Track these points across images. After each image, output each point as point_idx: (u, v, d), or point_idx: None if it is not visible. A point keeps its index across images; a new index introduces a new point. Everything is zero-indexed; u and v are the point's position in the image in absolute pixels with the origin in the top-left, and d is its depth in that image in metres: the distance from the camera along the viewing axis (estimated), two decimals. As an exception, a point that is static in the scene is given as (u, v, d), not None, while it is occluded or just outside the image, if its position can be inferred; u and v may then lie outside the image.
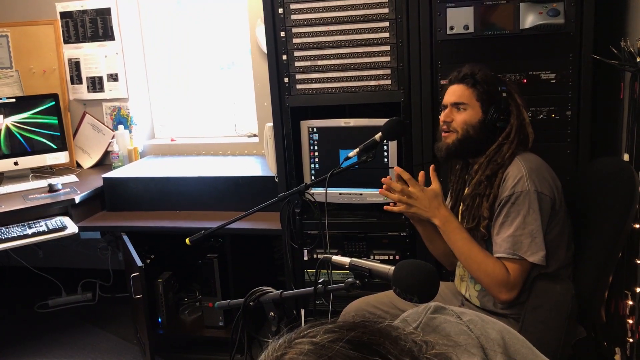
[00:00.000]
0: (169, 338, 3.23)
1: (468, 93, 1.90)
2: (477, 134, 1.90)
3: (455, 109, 1.94)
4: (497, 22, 2.30)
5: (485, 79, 1.90)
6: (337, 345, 0.68)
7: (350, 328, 0.72)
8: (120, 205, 3.27)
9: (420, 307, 0.94)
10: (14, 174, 3.54)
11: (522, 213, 1.80)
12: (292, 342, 0.72)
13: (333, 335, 0.70)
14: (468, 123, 1.90)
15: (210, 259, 3.08)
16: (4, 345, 3.37)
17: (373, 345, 0.69)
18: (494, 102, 1.89)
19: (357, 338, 0.70)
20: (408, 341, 0.72)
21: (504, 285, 1.80)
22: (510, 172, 1.84)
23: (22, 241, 2.83)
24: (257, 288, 1.46)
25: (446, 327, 0.88)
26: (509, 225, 1.82)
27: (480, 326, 0.88)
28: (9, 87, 3.83)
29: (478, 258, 1.85)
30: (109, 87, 3.78)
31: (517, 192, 1.80)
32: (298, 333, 0.73)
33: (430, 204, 1.89)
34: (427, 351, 0.73)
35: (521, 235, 1.80)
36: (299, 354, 0.69)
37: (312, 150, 2.68)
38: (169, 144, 3.86)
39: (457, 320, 0.89)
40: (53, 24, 3.76)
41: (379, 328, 0.73)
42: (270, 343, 0.75)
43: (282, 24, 2.55)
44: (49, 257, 3.97)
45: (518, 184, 1.81)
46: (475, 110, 1.90)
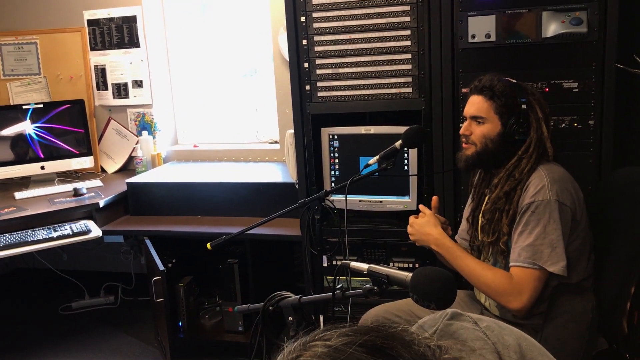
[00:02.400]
0: (189, 342, 3.26)
1: (486, 106, 1.90)
2: (495, 147, 1.91)
3: (474, 122, 1.94)
4: (519, 31, 2.30)
5: (504, 92, 1.89)
6: (351, 348, 0.69)
7: (364, 332, 0.72)
8: (144, 209, 3.32)
9: (437, 313, 0.94)
10: (41, 177, 3.61)
11: (543, 222, 1.79)
12: (307, 344, 0.73)
13: (347, 338, 0.71)
14: (487, 136, 1.91)
15: (231, 264, 3.11)
16: (28, 346, 3.43)
17: (386, 349, 0.70)
18: (513, 114, 1.88)
19: (371, 342, 0.70)
20: (422, 346, 0.73)
21: (509, 293, 1.80)
22: (532, 181, 1.84)
23: (47, 244, 2.88)
24: (277, 293, 1.47)
25: (462, 333, 0.88)
26: (528, 234, 1.81)
27: (497, 332, 0.88)
28: (37, 93, 3.92)
29: (476, 272, 1.87)
30: (133, 94, 3.84)
31: (537, 201, 1.80)
32: (313, 336, 0.75)
33: (421, 229, 2.03)
34: (440, 356, 0.74)
35: (541, 245, 1.78)
36: (313, 356, 0.70)
37: (333, 157, 2.69)
38: (191, 150, 3.91)
39: (474, 326, 0.90)
40: (80, 31, 3.84)
41: (392, 332, 0.73)
42: (286, 346, 0.76)
43: (304, 32, 2.57)
44: (72, 260, 4.04)
45: (539, 192, 1.80)
46: (494, 123, 1.90)
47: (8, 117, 3.56)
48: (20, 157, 3.56)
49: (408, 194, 2.60)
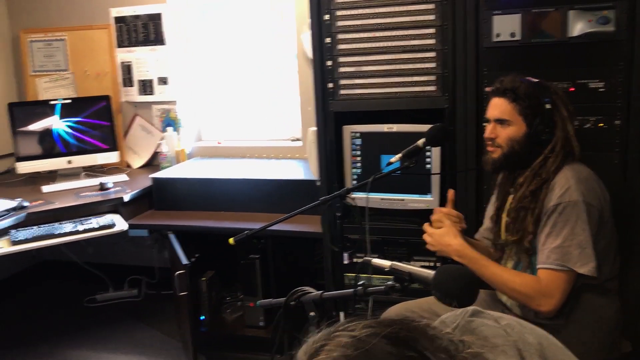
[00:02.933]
0: (211, 336, 3.30)
1: (510, 108, 1.90)
2: (522, 148, 1.90)
3: (499, 125, 1.94)
4: (544, 30, 2.28)
5: (527, 93, 1.87)
6: (375, 339, 0.70)
7: (387, 324, 0.74)
8: (168, 204, 3.37)
9: (458, 310, 0.95)
10: (67, 172, 3.68)
11: (570, 223, 1.77)
12: (331, 334, 0.74)
13: (371, 330, 0.72)
14: (513, 139, 1.90)
15: (253, 259, 3.14)
16: (54, 336, 3.51)
17: (409, 341, 0.71)
18: (538, 115, 1.87)
19: (394, 333, 0.72)
20: (444, 340, 0.74)
21: (539, 296, 1.78)
22: (558, 182, 1.82)
23: (73, 237, 2.94)
24: (298, 288, 1.49)
25: (484, 330, 0.89)
26: (556, 236, 1.79)
27: (518, 330, 0.89)
28: (64, 89, 3.99)
29: (503, 279, 1.86)
30: (158, 90, 3.89)
31: (564, 202, 1.78)
32: (337, 327, 0.76)
33: (441, 240, 2.00)
34: (463, 350, 0.74)
35: (570, 247, 1.77)
36: (337, 345, 0.71)
37: (354, 155, 2.70)
38: (215, 147, 3.95)
39: (495, 324, 0.90)
40: (107, 28, 3.90)
41: (416, 326, 0.74)
42: (310, 336, 0.78)
43: (328, 30, 2.58)
44: (97, 253, 4.11)
45: (565, 193, 1.79)
46: (519, 125, 1.89)
47: (36, 112, 3.63)
48: (48, 151, 3.63)
49: (430, 192, 2.60)
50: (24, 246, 2.81)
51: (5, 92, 4.04)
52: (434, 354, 0.70)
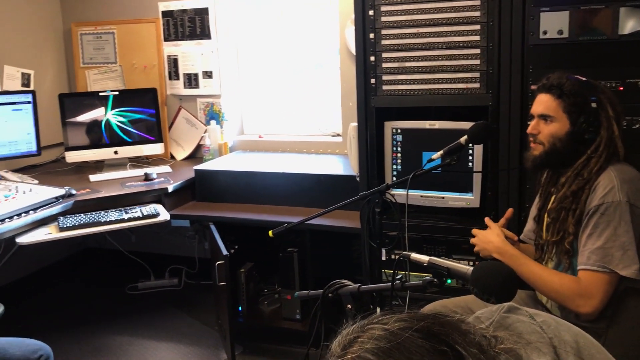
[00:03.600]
0: (248, 326, 3.34)
1: (555, 105, 1.86)
2: (564, 147, 1.86)
3: (542, 121, 1.90)
4: (594, 27, 2.23)
5: (573, 90, 1.83)
6: (407, 332, 0.72)
7: (420, 318, 0.75)
8: (209, 196, 3.43)
9: (494, 306, 0.95)
10: (114, 162, 3.78)
11: (613, 224, 1.74)
12: (365, 327, 0.76)
13: (404, 323, 0.74)
14: (555, 136, 1.86)
15: (291, 252, 3.17)
16: (96, 322, 3.62)
17: (441, 335, 0.72)
18: (583, 113, 1.83)
19: (427, 327, 0.73)
20: (477, 335, 0.75)
21: (578, 297, 1.76)
22: (601, 182, 1.78)
23: (118, 225, 3.02)
24: (336, 280, 1.50)
25: (518, 326, 0.88)
26: (597, 237, 1.76)
27: (554, 327, 0.88)
28: (113, 81, 4.10)
29: (542, 278, 1.84)
30: (203, 84, 3.95)
31: (607, 203, 1.74)
32: (371, 320, 0.78)
33: (483, 238, 2.04)
34: (495, 345, 0.75)
35: (612, 248, 1.73)
36: (370, 338, 0.73)
37: (395, 151, 2.69)
38: (256, 140, 4.00)
39: (530, 320, 0.90)
40: (155, 22, 3.98)
41: (448, 320, 0.75)
42: (344, 328, 0.79)
43: (371, 26, 2.59)
44: (140, 242, 4.21)
45: (608, 194, 1.75)
46: (563, 122, 1.85)
47: (85, 103, 3.74)
48: (95, 141, 3.74)
49: (471, 190, 2.58)
50: (71, 233, 2.90)
51: (57, 83, 4.18)
52: (466, 349, 0.71)
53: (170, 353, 3.26)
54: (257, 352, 3.21)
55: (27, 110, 3.44)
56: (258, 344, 3.27)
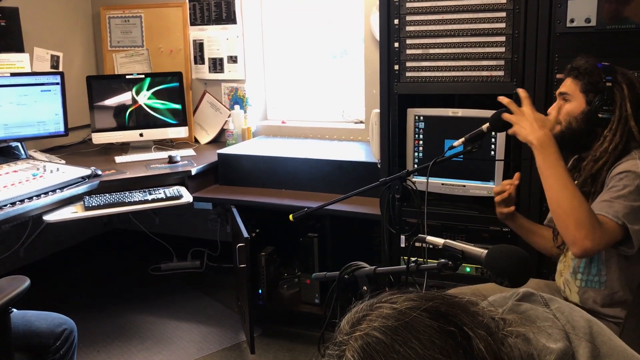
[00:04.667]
0: (268, 309, 3.39)
1: (573, 85, 1.88)
2: (579, 126, 1.86)
3: (562, 101, 1.91)
4: (623, 16, 2.19)
5: (588, 70, 1.84)
6: (415, 312, 0.73)
7: (429, 298, 0.76)
8: (232, 180, 3.46)
9: (509, 292, 0.95)
10: (139, 144, 3.84)
11: (628, 188, 1.70)
12: (374, 305, 0.77)
13: (412, 303, 0.75)
14: (571, 114, 1.87)
15: (311, 237, 3.19)
16: (120, 301, 3.70)
17: (450, 316, 0.73)
18: (598, 92, 1.83)
19: (435, 308, 0.74)
20: (486, 317, 0.75)
21: (594, 230, 1.64)
22: (623, 162, 1.77)
23: (142, 206, 3.07)
24: (353, 262, 1.52)
25: (532, 313, 0.88)
26: (607, 193, 1.74)
27: (568, 313, 0.88)
28: (139, 64, 4.15)
29: (575, 189, 1.72)
30: (228, 69, 3.98)
31: (627, 171, 1.73)
32: (380, 298, 0.79)
33: (533, 123, 1.81)
34: (504, 328, 0.75)
35: (618, 203, 1.69)
36: (379, 316, 0.74)
37: (417, 138, 2.69)
38: (279, 126, 4.02)
39: (544, 308, 0.90)
40: (182, 6, 4.01)
41: (457, 302, 0.76)
42: (353, 306, 0.81)
43: (396, 12, 2.58)
44: (164, 224, 4.28)
45: (631, 167, 1.74)
46: (579, 101, 1.86)
47: (112, 86, 3.79)
48: (121, 124, 3.79)
49: (493, 179, 2.56)
50: (96, 212, 2.96)
51: (85, 66, 4.25)
52: (474, 330, 0.72)
53: (191, 333, 3.32)
54: (275, 334, 3.26)
55: (56, 92, 3.50)
56: (277, 326, 3.32)
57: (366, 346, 0.72)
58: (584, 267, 1.87)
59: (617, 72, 1.85)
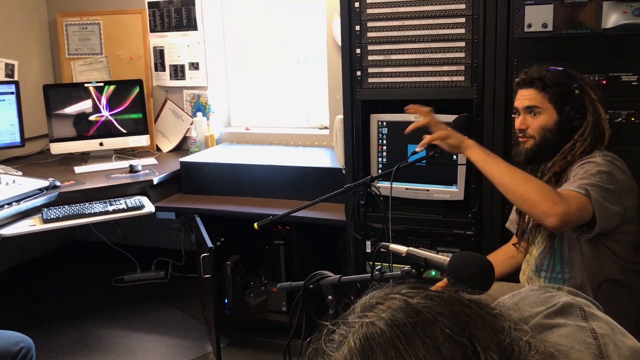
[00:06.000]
0: (234, 319, 3.35)
1: (540, 97, 1.89)
2: (554, 136, 1.89)
3: (529, 114, 1.92)
4: (578, 21, 2.23)
5: (555, 80, 1.87)
6: (429, 313, 0.67)
7: (450, 302, 0.70)
8: (195, 188, 3.42)
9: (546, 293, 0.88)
10: (99, 154, 3.76)
11: (589, 172, 1.74)
12: (389, 295, 0.72)
13: (430, 302, 0.69)
14: (545, 127, 1.88)
15: (277, 245, 3.17)
16: (82, 314, 3.61)
17: (466, 326, 0.67)
18: (568, 101, 1.85)
19: (453, 314, 0.68)
20: (509, 337, 0.69)
21: (560, 197, 1.66)
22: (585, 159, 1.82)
23: (103, 217, 3.00)
24: (317, 272, 1.51)
25: (564, 341, 0.80)
26: (572, 178, 1.78)
27: (609, 334, 0.81)
28: (98, 72, 4.07)
29: (520, 171, 1.77)
30: (189, 76, 3.93)
31: (590, 161, 1.78)
32: (399, 289, 0.73)
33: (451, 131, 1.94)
34: (527, 354, 0.68)
35: (583, 180, 1.72)
36: (389, 308, 0.69)
37: (381, 144, 2.70)
38: (243, 133, 3.98)
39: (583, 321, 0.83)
40: (141, 13, 3.95)
41: (481, 313, 0.70)
42: (370, 291, 0.75)
43: (357, 18, 2.58)
44: (126, 234, 4.20)
45: (592, 158, 1.79)
46: (550, 113, 1.88)
47: (71, 94, 3.71)
48: (81, 133, 3.71)
49: (455, 183, 2.59)
50: (54, 224, 2.88)
51: (42, 74, 4.14)
52: (486, 351, 0.65)
53: (156, 345, 3.25)
54: (242, 344, 3.22)
55: (11, 101, 3.41)
56: (244, 336, 3.28)
57: (369, 335, 0.67)
58: (547, 265, 1.90)
59: (578, 77, 1.89)
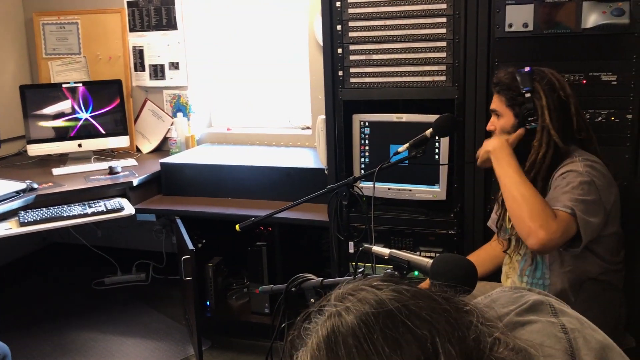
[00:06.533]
0: (216, 321, 3.32)
1: (498, 101, 1.95)
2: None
3: (495, 117, 1.99)
4: (558, 21, 2.24)
5: (508, 85, 1.90)
6: (393, 305, 0.70)
7: (416, 295, 0.72)
8: (176, 190, 3.38)
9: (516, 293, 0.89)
10: (78, 155, 3.70)
11: (571, 185, 1.75)
12: (359, 287, 0.75)
13: (397, 295, 0.72)
14: (504, 129, 1.94)
15: (259, 246, 3.14)
16: (62, 318, 3.55)
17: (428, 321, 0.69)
18: (520, 105, 1.88)
19: (416, 306, 0.70)
20: (476, 333, 0.70)
21: (548, 221, 1.68)
22: (565, 164, 1.82)
23: (81, 219, 2.96)
24: (300, 274, 1.49)
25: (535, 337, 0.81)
26: (551, 193, 1.79)
27: (579, 328, 0.83)
28: (76, 72, 4.01)
29: (527, 183, 1.78)
30: (170, 76, 3.89)
31: (571, 170, 1.78)
32: (371, 281, 0.76)
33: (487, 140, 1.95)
34: (496, 350, 0.69)
35: (564, 195, 1.74)
36: (358, 299, 0.72)
37: (363, 144, 2.69)
38: (225, 133, 3.95)
39: (553, 317, 0.84)
40: (120, 12, 3.90)
41: (446, 308, 0.71)
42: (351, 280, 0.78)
43: (339, 17, 2.57)
44: (106, 236, 4.14)
45: (574, 166, 1.79)
46: (508, 116, 1.93)
47: (49, 95, 3.65)
48: (59, 134, 3.65)
49: (438, 183, 2.59)
50: (31, 228, 2.83)
51: (18, 74, 4.06)
52: (444, 344, 0.66)
53: (137, 349, 3.21)
54: (225, 346, 3.19)
55: (-14, 102, 3.34)
56: (226, 338, 3.25)
57: (335, 325, 0.70)
58: (529, 270, 1.91)
59: (536, 79, 1.88)
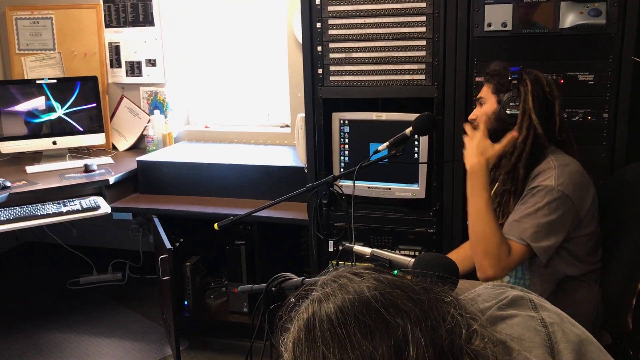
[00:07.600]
0: (194, 321, 3.29)
1: (486, 88, 1.98)
2: (492, 125, 1.93)
3: (479, 106, 2.01)
4: (536, 21, 2.26)
5: (496, 71, 1.94)
6: (370, 292, 0.72)
7: (395, 285, 0.75)
8: (153, 188, 3.34)
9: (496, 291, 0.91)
10: (52, 153, 3.64)
11: (537, 205, 1.78)
12: (342, 275, 0.78)
13: (375, 283, 0.74)
14: (486, 114, 1.95)
15: (238, 245, 3.12)
16: (36, 318, 3.48)
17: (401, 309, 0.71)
18: (507, 91, 1.91)
19: (392, 296, 0.72)
20: (452, 323, 0.71)
21: (500, 261, 1.77)
22: (541, 168, 1.84)
23: (56, 218, 2.91)
24: (280, 274, 1.48)
25: (515, 330, 0.83)
26: (518, 211, 1.82)
27: (558, 322, 0.85)
28: (51, 69, 3.93)
29: (490, 221, 1.81)
30: (146, 72, 3.84)
31: (541, 186, 1.80)
32: (354, 269, 0.79)
33: (474, 148, 1.90)
34: (473, 341, 0.71)
35: (525, 223, 1.78)
36: (339, 286, 0.75)
37: (343, 142, 2.68)
38: (203, 131, 3.91)
39: (533, 312, 0.86)
40: (96, 7, 3.83)
41: (420, 299, 0.73)
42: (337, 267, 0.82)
43: (318, 15, 2.55)
44: (82, 236, 4.08)
45: (546, 180, 1.80)
46: (491, 102, 1.95)
47: (22, 91, 3.57)
48: (33, 131, 3.58)
49: (417, 182, 2.59)
50: (4, 227, 2.77)
51: (-10, 70, 3.98)
52: (415, 333, 0.68)
53: (113, 349, 3.17)
54: (203, 346, 3.16)
55: (-43, 98, 3.26)
56: (204, 338, 3.22)
57: (315, 312, 0.73)
58: (512, 271, 1.92)
59: (525, 71, 1.92)
